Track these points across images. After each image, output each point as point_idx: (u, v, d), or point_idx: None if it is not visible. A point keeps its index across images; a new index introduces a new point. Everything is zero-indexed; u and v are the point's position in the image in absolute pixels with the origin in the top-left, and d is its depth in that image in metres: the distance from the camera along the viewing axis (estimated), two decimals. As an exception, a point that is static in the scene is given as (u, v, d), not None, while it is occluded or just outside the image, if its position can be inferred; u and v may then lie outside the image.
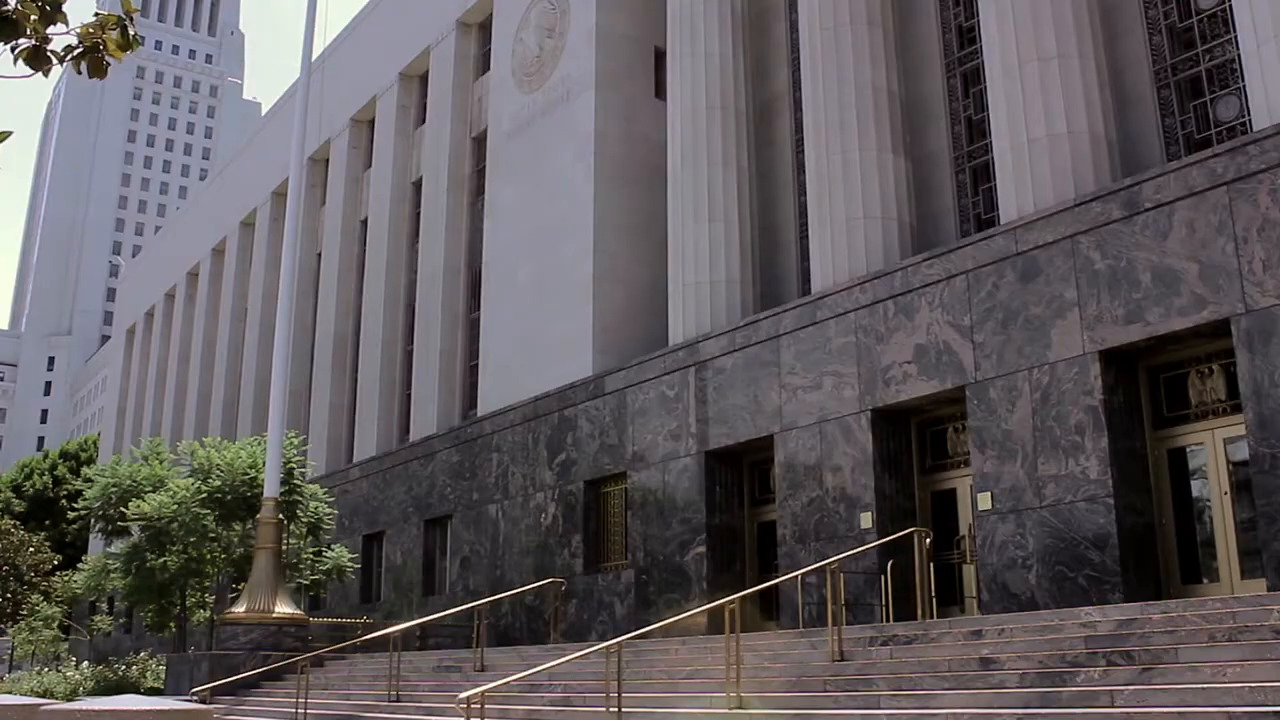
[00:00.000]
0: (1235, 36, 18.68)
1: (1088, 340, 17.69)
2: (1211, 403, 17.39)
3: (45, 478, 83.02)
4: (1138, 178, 17.60)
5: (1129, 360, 17.87)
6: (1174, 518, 17.59)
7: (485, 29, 39.22)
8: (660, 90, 31.39)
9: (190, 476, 31.53)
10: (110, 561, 34.67)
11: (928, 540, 18.89)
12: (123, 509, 32.11)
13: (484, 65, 39.00)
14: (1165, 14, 20.93)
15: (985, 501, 18.79)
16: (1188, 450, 17.70)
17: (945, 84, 24.61)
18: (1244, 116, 19.10)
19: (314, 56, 26.99)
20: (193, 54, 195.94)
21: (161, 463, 34.71)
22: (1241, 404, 15.87)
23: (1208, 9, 20.32)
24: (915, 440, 21.69)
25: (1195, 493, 17.61)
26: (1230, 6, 18.79)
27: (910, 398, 20.59)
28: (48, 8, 5.39)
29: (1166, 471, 17.75)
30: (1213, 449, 17.19)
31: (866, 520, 20.75)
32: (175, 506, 30.01)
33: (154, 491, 31.74)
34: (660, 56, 31.60)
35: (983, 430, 19.04)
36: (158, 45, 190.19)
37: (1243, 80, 18.67)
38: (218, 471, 30.72)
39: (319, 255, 48.61)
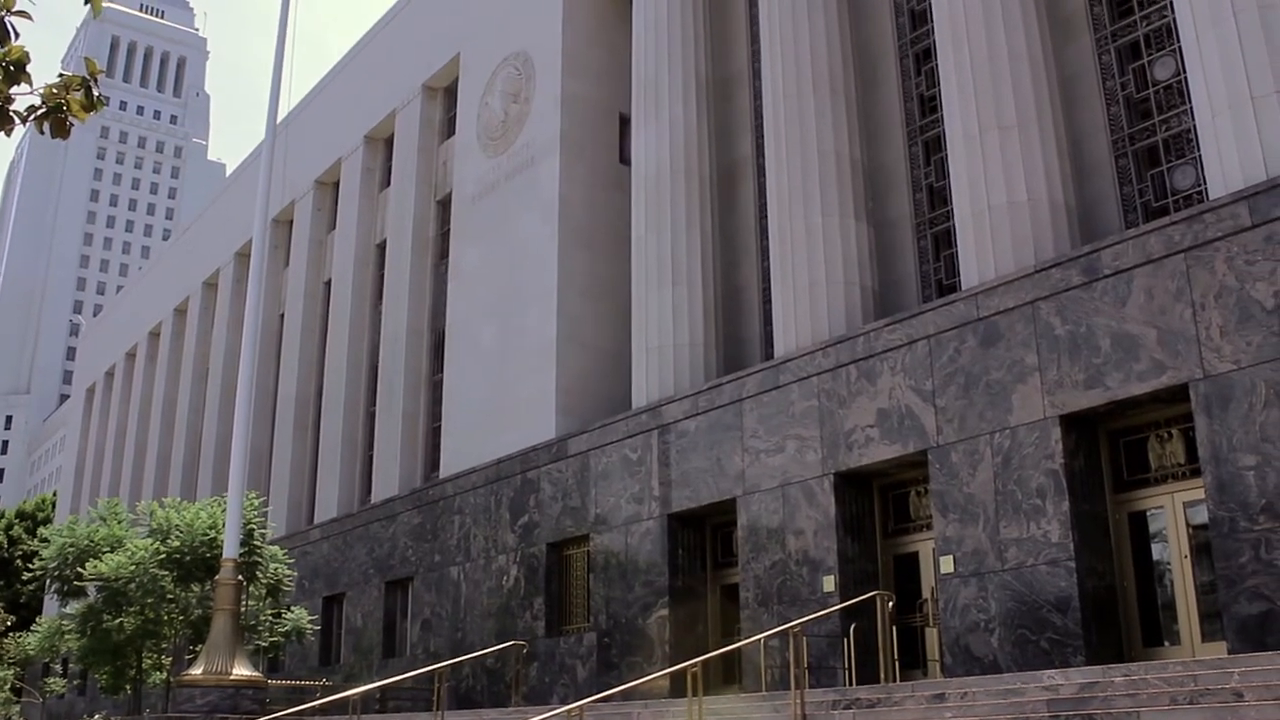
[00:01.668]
0: (1191, 107, 19.03)
1: (1048, 405, 17.84)
2: (1171, 467, 17.54)
3: (0, 537, 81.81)
4: (1097, 245, 17.84)
5: (1089, 424, 18.01)
6: (1135, 581, 17.67)
7: (451, 93, 39.45)
8: (625, 155, 31.63)
9: (148, 537, 31.13)
10: (65, 622, 34.12)
11: (890, 603, 18.87)
12: (79, 569, 31.63)
13: (449, 129, 39.19)
14: (1123, 85, 21.31)
15: (948, 565, 18.82)
16: (1148, 514, 17.82)
17: (907, 151, 24.91)
18: (1200, 185, 19.42)
19: (279, 119, 27.02)
20: (158, 115, 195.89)
21: (120, 523, 34.27)
22: (1201, 468, 16.01)
23: (1164, 80, 20.71)
24: (878, 504, 21.74)
25: (1156, 556, 17.71)
26: (1186, 78, 19.16)
27: (873, 461, 20.66)
28: (11, 68, 5.41)
29: (1127, 535, 17.85)
30: (1173, 512, 17.31)
31: (829, 583, 20.73)
32: (133, 567, 29.59)
33: (111, 552, 31.31)
34: (625, 122, 31.86)
35: (945, 494, 19.11)
36: (122, 105, 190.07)
37: (1199, 150, 18.99)
38: (177, 532, 30.35)
39: (282, 316, 48.46)
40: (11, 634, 56.53)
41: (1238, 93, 16.81)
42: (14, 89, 5.39)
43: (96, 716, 35.40)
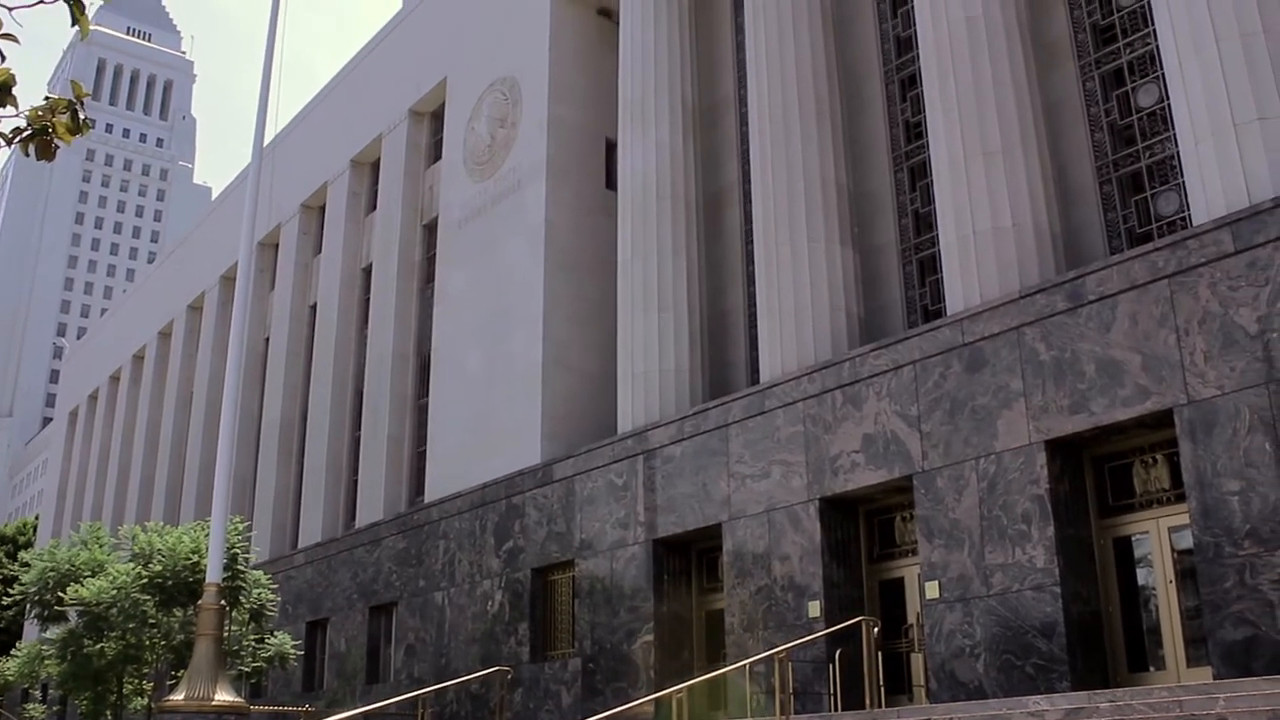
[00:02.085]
0: (1174, 134, 19.15)
1: (1033, 430, 17.87)
2: (1156, 492, 17.58)
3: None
4: (1081, 271, 17.91)
5: (1074, 450, 18.05)
6: (1120, 606, 17.68)
7: (437, 118, 39.51)
8: (611, 180, 31.68)
9: (131, 561, 30.95)
10: (45, 648, 33.85)
11: (875, 629, 18.84)
12: (60, 594, 31.43)
13: (435, 153, 39.23)
14: (1106, 111, 21.44)
15: (933, 590, 18.81)
16: (1133, 539, 17.84)
17: (893, 177, 25.01)
18: (1184, 211, 19.52)
19: (265, 142, 27.03)
20: (144, 138, 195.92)
21: (101, 547, 34.07)
22: (1185, 493, 16.05)
23: (1147, 107, 20.84)
24: (863, 529, 21.73)
25: (1141, 581, 17.72)
26: (1169, 105, 19.29)
27: (858, 487, 20.66)
28: (-4, 91, 5.38)
29: (1112, 560, 17.87)
30: (1158, 538, 17.34)
31: (814, 609, 20.69)
32: (114, 592, 29.40)
33: (93, 576, 31.11)
34: (611, 147, 31.93)
35: (930, 519, 19.11)
36: (108, 128, 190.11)
37: (1182, 176, 19.11)
38: (159, 556, 30.16)
39: (267, 340, 48.36)
40: (-9, 659, 56.08)
41: (1220, 120, 16.93)
42: (-1, 111, 5.37)
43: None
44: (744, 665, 19.25)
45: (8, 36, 5.31)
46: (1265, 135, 16.51)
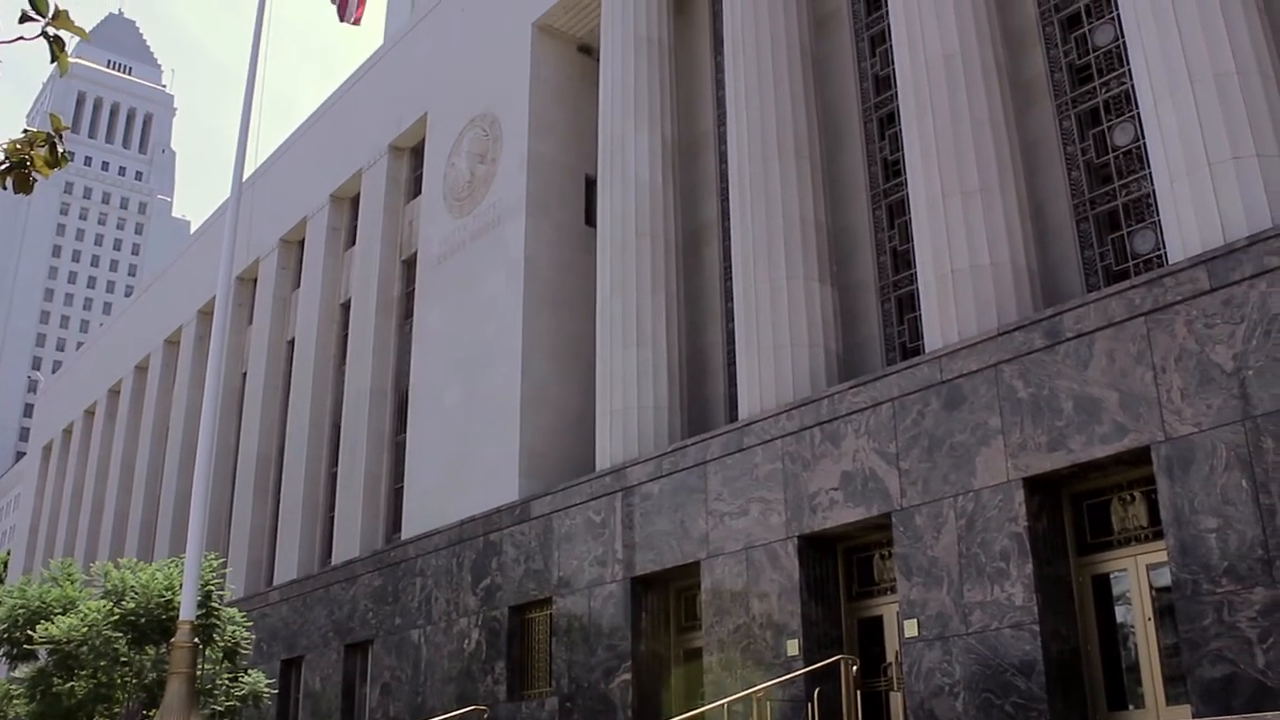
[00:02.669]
0: (1150, 173, 19.28)
1: (1011, 467, 17.88)
2: (1134, 529, 17.58)
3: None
4: (1059, 308, 17.98)
5: (1052, 487, 18.06)
6: (1099, 644, 17.65)
7: (417, 153, 39.56)
8: (590, 217, 31.74)
9: (103, 598, 30.65)
10: (14, 686, 33.45)
11: (854, 668, 18.77)
12: (30, 632, 31.09)
13: (415, 189, 39.26)
14: (1083, 150, 21.58)
15: (912, 628, 18.75)
16: (1112, 576, 17.84)
17: (871, 215, 25.09)
18: (1160, 249, 19.62)
19: (245, 177, 26.99)
20: (122, 170, 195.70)
21: (73, 584, 33.74)
22: (1163, 530, 16.06)
23: (1123, 146, 20.98)
24: (842, 567, 21.67)
25: (1120, 619, 17.70)
26: (1145, 144, 19.43)
27: (837, 524, 20.61)
28: (-25, 124, 5.34)
29: (1091, 598, 17.85)
30: (1136, 575, 17.34)
31: (793, 647, 20.61)
32: (86, 629, 29.08)
33: (64, 613, 30.78)
34: (591, 184, 32.00)
35: (909, 557, 19.07)
36: (87, 161, 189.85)
37: (1158, 215, 19.23)
38: (132, 593, 29.87)
39: (244, 375, 48.14)
40: (-40, 698, 55.33)
41: (1195, 159, 17.06)
42: (-24, 144, 5.33)
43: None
44: (722, 704, 19.13)
45: (-15, 69, 5.28)
46: (1239, 174, 16.64)
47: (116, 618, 29.44)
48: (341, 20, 28.07)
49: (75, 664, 29.65)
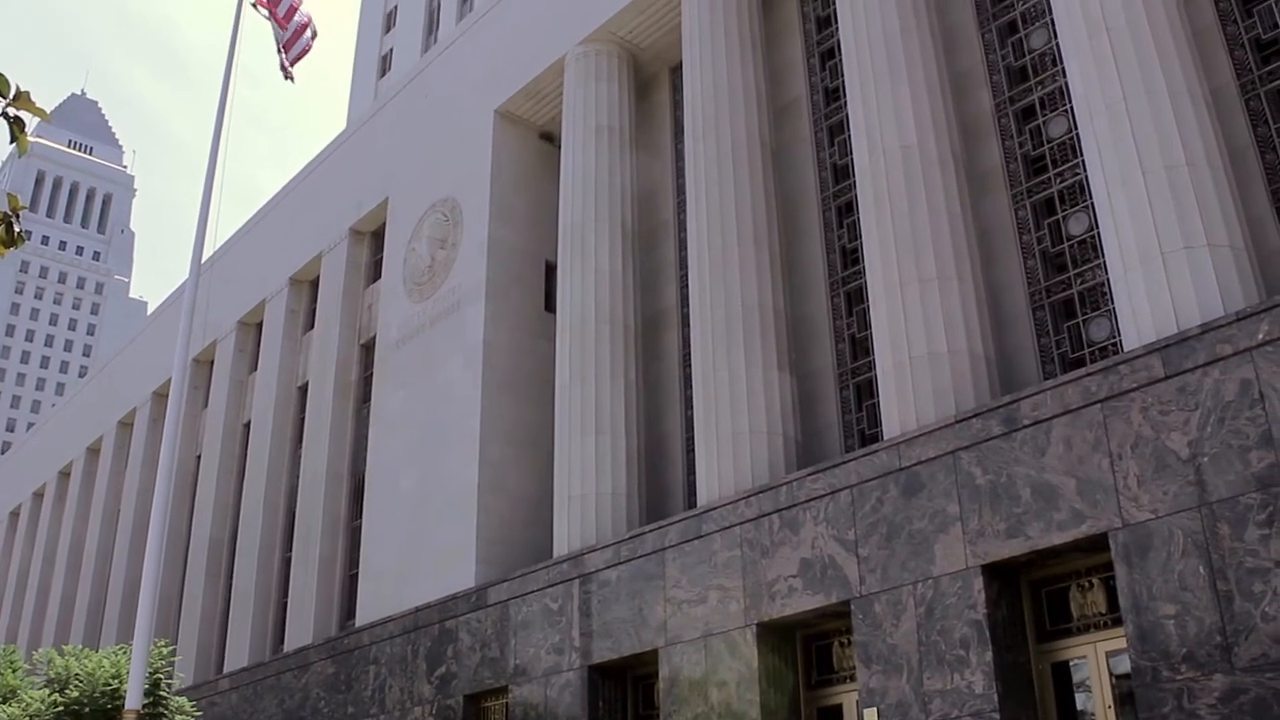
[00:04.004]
0: (1104, 261, 19.55)
1: (970, 554, 17.87)
2: (1093, 616, 17.58)
3: (-111, 687, 78.29)
4: (1016, 395, 18.09)
5: (1011, 574, 18.05)
6: (1059, 735, 17.55)
7: (378, 237, 39.61)
8: (550, 302, 31.80)
9: (46, 687, 29.99)
10: (-46, 779, 32.60)
11: (814, 758, 18.58)
12: (-31, 722, 30.37)
13: (375, 273, 39.25)
14: (1038, 239, 21.87)
15: (872, 717, 18.60)
16: (1071, 664, 17.78)
17: (830, 302, 25.26)
18: (1115, 337, 19.84)
19: (204, 258, 26.94)
20: (80, 250, 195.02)
21: (15, 672, 33.04)
22: (1122, 617, 16.06)
23: (1078, 235, 21.28)
24: (801, 655, 21.51)
25: (1080, 706, 17.62)
26: (1099, 233, 19.72)
27: (796, 612, 20.49)
28: (-67, 202, 5.31)
29: (1051, 685, 17.77)
30: (1096, 662, 17.30)
31: (752, 737, 20.38)
32: (26, 719, 28.44)
33: (4, 703, 30.10)
34: (551, 269, 32.11)
35: (868, 645, 18.97)
36: (45, 240, 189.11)
37: (1112, 303, 19.47)
38: (76, 681, 29.25)
39: (198, 457, 47.64)
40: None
41: (1148, 248, 17.33)
42: (-67, 222, 5.29)
43: None
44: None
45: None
46: (1191, 263, 16.91)
47: (60, 708, 28.79)
48: (286, 78, 28.53)
49: (16, 755, 28.97)
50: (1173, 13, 18.85)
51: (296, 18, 28.39)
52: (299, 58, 28.44)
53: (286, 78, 28.46)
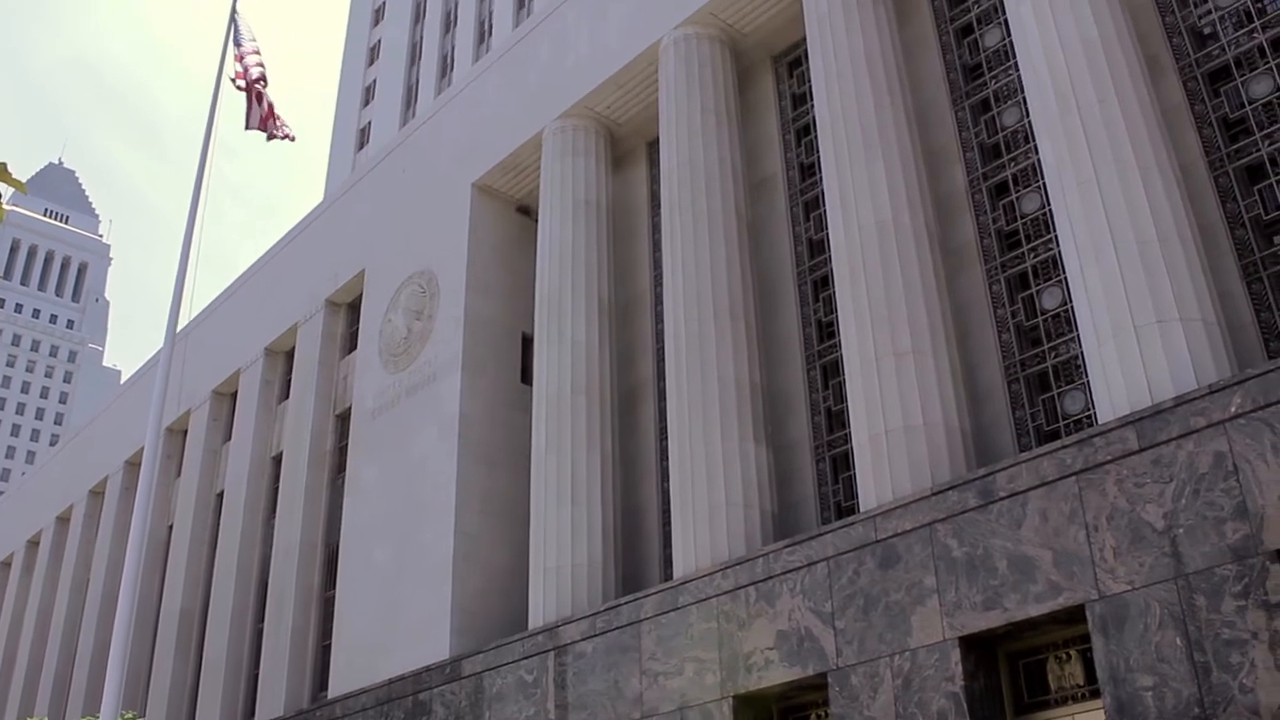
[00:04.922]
0: (1078, 335, 19.76)
1: (947, 626, 17.87)
2: (1070, 688, 17.56)
3: None
4: (991, 468, 18.19)
5: (989, 646, 18.05)
6: (1036, 810, 17.46)
7: (354, 308, 39.65)
8: (526, 375, 31.87)
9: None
10: None
11: (791, 833, 18.42)
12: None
13: (351, 343, 39.26)
14: (1013, 313, 22.09)
15: (849, 792, 18.47)
16: (1048, 739, 17.73)
17: (805, 376, 25.40)
18: (1089, 410, 20.00)
19: (179, 327, 26.93)
20: (54, 318, 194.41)
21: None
22: (1100, 689, 16.06)
23: (1052, 309, 21.51)
24: (778, 728, 21.39)
25: (1057, 782, 17.55)
26: (1072, 307, 19.94)
27: (772, 684, 20.39)
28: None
29: (1028, 761, 17.71)
30: (1072, 737, 17.25)
31: (729, 812, 20.19)
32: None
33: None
34: (527, 342, 32.20)
35: (845, 717, 18.88)
36: (18, 308, 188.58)
37: (1087, 376, 19.65)
38: (44, 755, 28.83)
39: (170, 527, 47.23)
40: None
41: (1121, 322, 17.56)
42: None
43: None
44: None
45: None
46: (1164, 337, 17.14)
47: (24, 781, 28.28)
48: (270, 138, 28.55)
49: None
50: (1142, 92, 19.24)
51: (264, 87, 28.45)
52: (275, 126, 28.51)
53: (283, 137, 28.49)
